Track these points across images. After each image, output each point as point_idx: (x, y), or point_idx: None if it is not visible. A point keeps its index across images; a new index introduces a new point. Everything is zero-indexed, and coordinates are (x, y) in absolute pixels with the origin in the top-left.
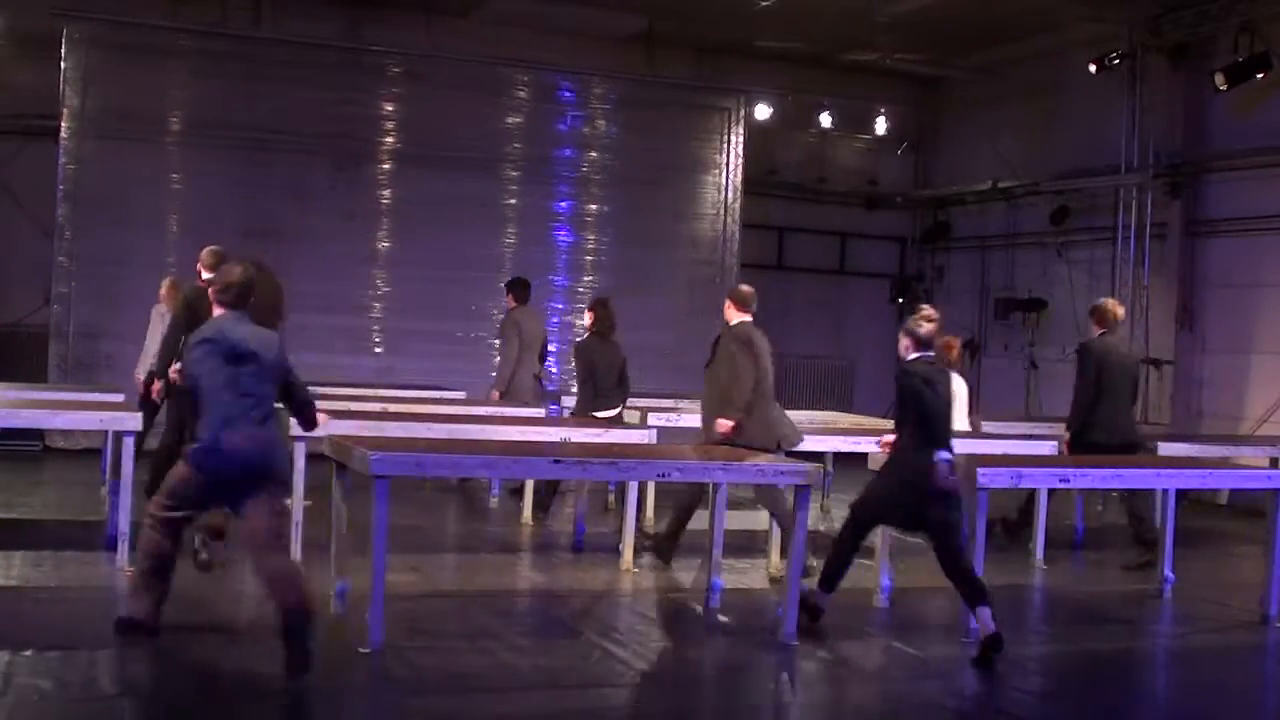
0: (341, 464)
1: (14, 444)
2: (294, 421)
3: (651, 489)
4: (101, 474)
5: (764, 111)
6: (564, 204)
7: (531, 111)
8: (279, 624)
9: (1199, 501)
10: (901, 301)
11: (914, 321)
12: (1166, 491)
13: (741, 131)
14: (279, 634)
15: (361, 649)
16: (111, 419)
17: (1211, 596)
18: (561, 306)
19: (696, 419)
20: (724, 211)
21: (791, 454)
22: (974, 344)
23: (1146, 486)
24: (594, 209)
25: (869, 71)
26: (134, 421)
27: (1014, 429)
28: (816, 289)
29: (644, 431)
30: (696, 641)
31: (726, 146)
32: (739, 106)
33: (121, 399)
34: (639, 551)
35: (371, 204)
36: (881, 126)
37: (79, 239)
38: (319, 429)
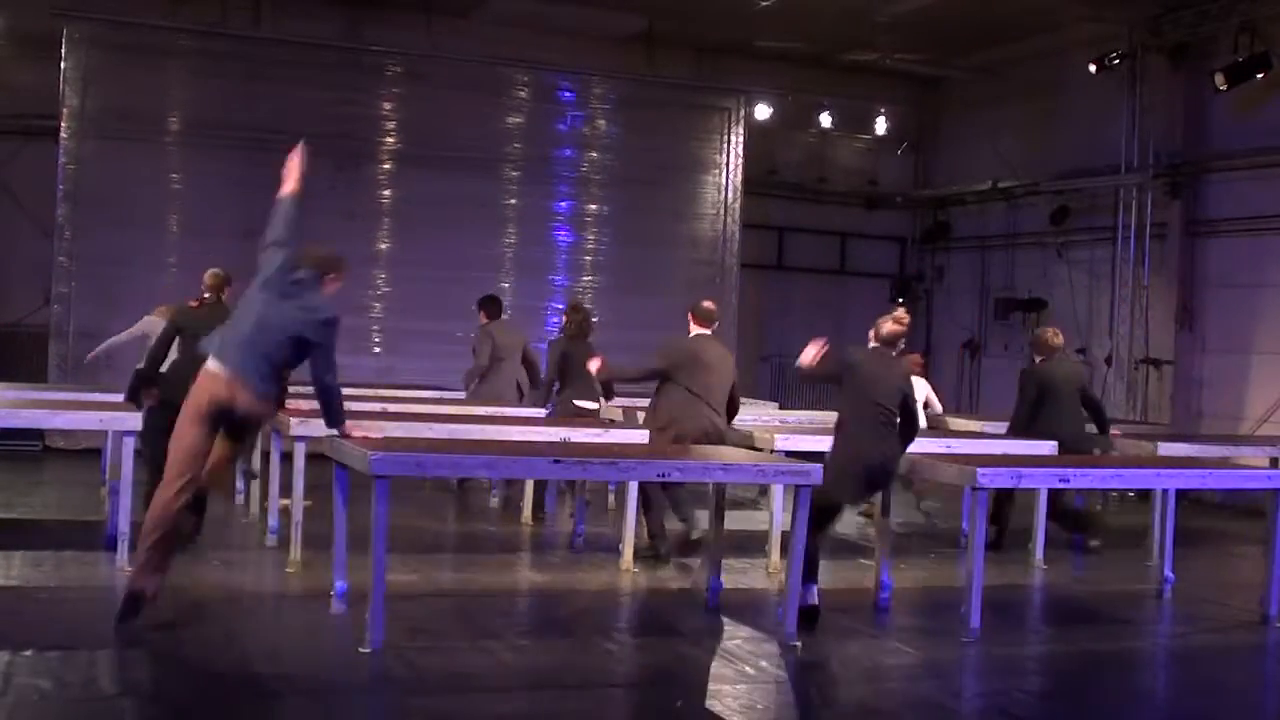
0: (342, 464)
1: (14, 444)
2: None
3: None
4: (101, 474)
5: (764, 111)
6: (564, 204)
7: (531, 111)
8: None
9: (1199, 501)
10: (901, 302)
11: (883, 318)
12: (1166, 491)
13: (741, 131)
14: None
15: (361, 649)
16: (111, 419)
17: (1211, 596)
18: (561, 306)
19: None
20: (724, 211)
21: (792, 454)
22: (974, 344)
23: (1146, 486)
24: (594, 209)
25: (869, 71)
26: (134, 421)
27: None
28: (816, 289)
29: (644, 431)
30: (696, 641)
31: (726, 146)
32: (739, 106)
33: (121, 399)
34: (648, 556)
35: (371, 204)
36: (881, 126)
37: (79, 239)
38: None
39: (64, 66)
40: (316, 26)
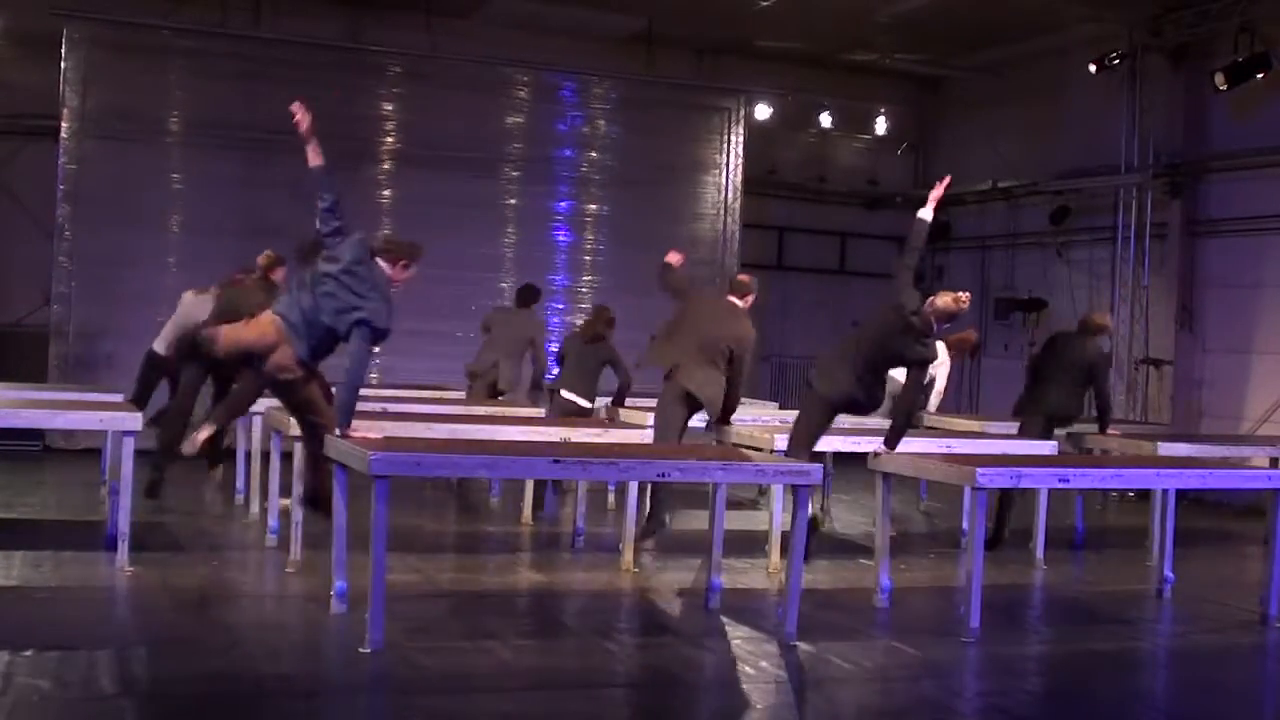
0: (342, 464)
1: (14, 444)
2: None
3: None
4: (101, 474)
5: (764, 111)
6: (564, 204)
7: (531, 111)
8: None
9: (1199, 501)
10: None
11: (944, 292)
12: (1166, 491)
13: (741, 131)
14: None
15: (361, 649)
16: (111, 419)
17: (1211, 596)
18: (562, 306)
19: (696, 419)
20: (724, 211)
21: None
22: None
23: (1146, 486)
24: (594, 209)
25: (869, 71)
26: (134, 421)
27: (1014, 428)
28: (816, 289)
29: (644, 431)
30: (696, 641)
31: (726, 147)
32: (739, 106)
33: (121, 399)
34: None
35: (371, 204)
36: (881, 126)
37: (79, 239)
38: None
39: (64, 66)
40: (316, 26)
